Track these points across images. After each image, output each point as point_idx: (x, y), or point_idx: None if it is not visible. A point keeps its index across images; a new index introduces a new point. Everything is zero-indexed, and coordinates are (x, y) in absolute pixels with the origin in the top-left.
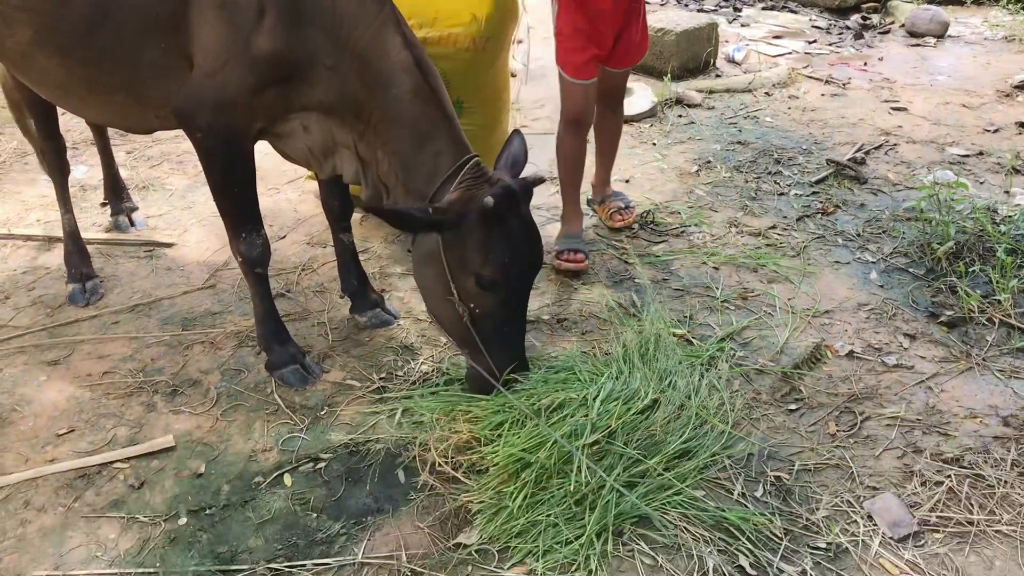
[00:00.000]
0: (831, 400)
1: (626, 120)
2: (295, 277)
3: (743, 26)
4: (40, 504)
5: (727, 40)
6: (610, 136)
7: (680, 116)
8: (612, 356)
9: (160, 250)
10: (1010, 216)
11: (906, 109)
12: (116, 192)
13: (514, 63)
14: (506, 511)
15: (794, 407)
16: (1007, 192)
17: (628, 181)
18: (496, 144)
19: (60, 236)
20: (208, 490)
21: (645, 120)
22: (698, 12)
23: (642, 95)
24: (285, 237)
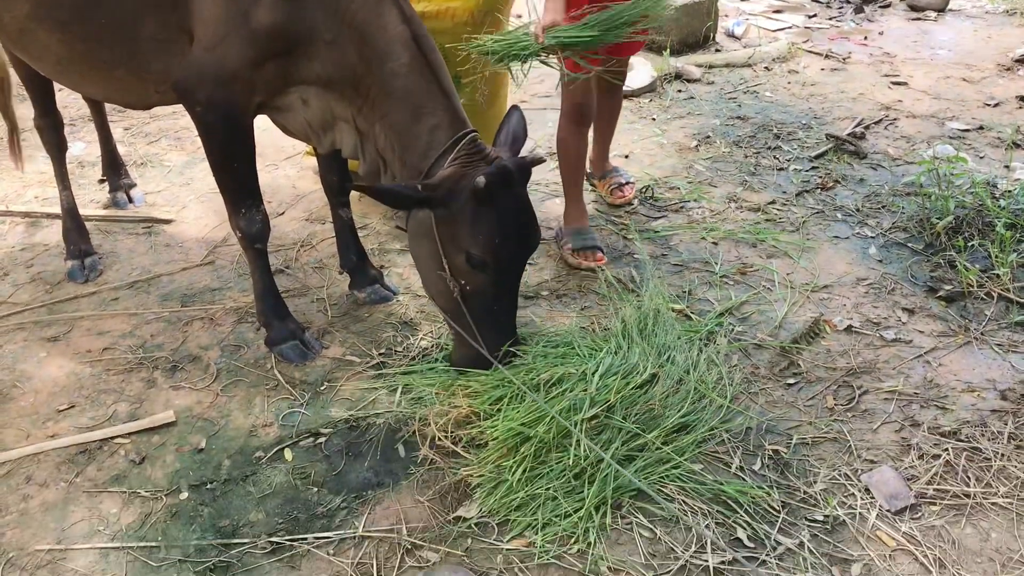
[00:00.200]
0: (829, 374)
1: (625, 95)
2: (294, 253)
3: (743, 0)
4: (42, 479)
5: (727, 14)
6: (608, 115)
7: (679, 91)
8: (611, 331)
9: (159, 227)
10: (1010, 190)
11: (906, 84)
12: (114, 168)
13: None
14: (505, 485)
15: (792, 381)
16: (1007, 166)
17: (627, 156)
18: (493, 120)
19: (58, 213)
20: (209, 465)
21: (644, 95)
22: None
23: (641, 70)
24: (284, 213)
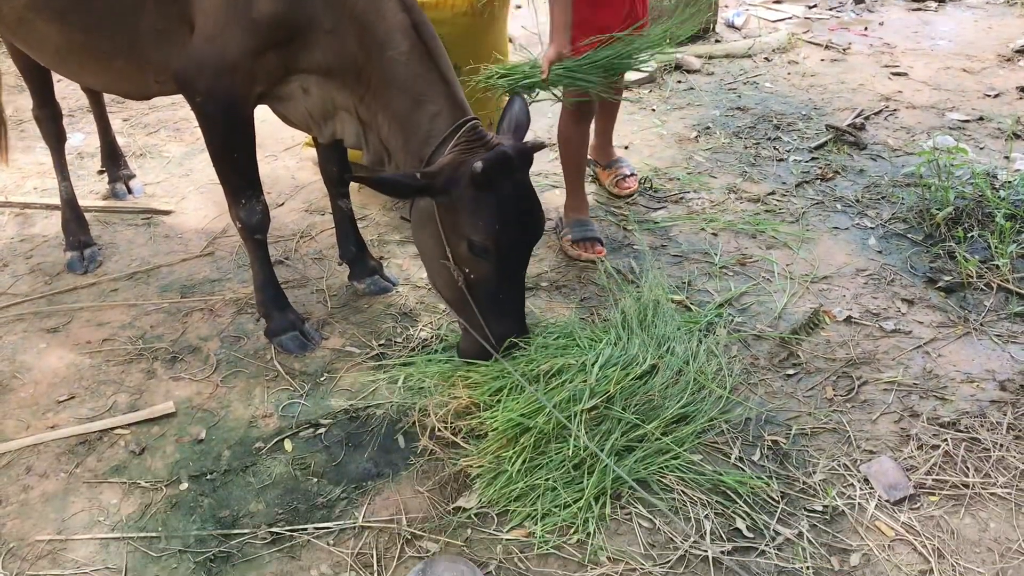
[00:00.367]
0: (829, 365)
1: (625, 86)
2: (293, 244)
3: None
4: (42, 470)
5: (727, 5)
6: (608, 109)
7: (679, 82)
8: (611, 322)
9: (158, 217)
10: (1009, 181)
11: (906, 74)
12: (113, 159)
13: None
14: (505, 475)
15: (792, 372)
16: (1007, 157)
17: (627, 147)
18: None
19: (57, 204)
20: (209, 455)
21: (644, 86)
22: None
23: None
24: (283, 204)
